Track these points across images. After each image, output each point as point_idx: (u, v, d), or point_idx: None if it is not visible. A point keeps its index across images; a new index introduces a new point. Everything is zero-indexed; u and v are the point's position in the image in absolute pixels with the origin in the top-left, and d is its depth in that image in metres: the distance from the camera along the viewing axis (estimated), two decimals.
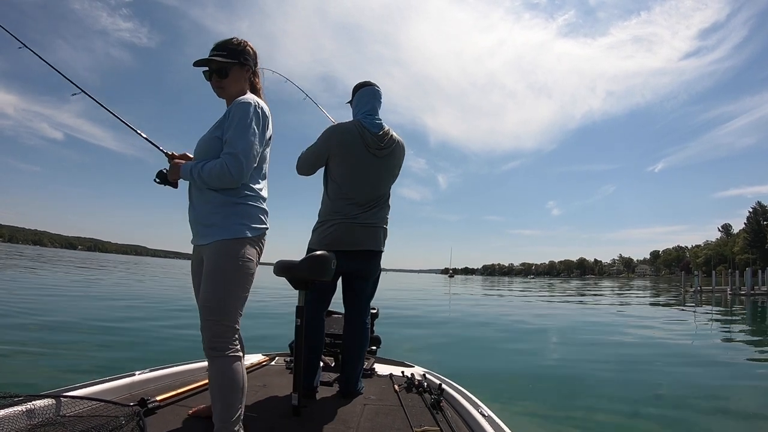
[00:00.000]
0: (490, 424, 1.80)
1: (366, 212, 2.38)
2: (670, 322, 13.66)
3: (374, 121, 2.42)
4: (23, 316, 7.65)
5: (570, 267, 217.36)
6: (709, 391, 5.08)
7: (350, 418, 1.98)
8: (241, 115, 1.65)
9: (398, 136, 2.48)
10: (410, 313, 13.27)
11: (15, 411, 1.57)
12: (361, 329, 2.45)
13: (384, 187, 2.46)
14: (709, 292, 33.56)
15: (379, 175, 2.41)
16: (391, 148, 2.43)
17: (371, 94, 2.47)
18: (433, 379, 2.59)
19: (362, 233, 2.36)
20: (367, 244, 2.38)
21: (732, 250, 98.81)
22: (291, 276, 2.05)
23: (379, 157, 2.39)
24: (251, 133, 1.65)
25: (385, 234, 2.48)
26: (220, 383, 1.59)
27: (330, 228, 2.35)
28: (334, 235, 2.33)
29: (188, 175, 1.68)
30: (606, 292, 35.92)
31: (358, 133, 2.35)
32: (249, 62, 1.80)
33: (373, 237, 2.40)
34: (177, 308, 10.53)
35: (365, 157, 2.35)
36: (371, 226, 2.39)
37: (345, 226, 2.34)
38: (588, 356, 7.22)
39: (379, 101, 2.49)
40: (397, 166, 2.51)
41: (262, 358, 3.02)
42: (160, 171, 1.82)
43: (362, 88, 2.50)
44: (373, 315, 3.24)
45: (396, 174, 2.53)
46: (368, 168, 2.37)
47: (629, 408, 4.41)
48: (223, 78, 1.75)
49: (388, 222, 2.51)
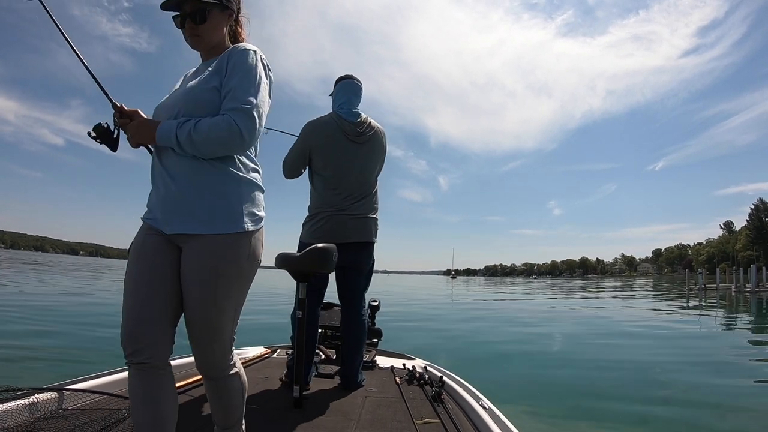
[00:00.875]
0: (490, 416, 1.80)
1: (355, 203, 2.38)
2: (675, 320, 13.51)
3: (350, 110, 2.44)
4: (26, 320, 7.68)
5: (572, 266, 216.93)
6: (718, 393, 4.96)
7: (351, 410, 1.99)
8: (247, 62, 1.28)
9: (377, 124, 2.50)
10: (411, 313, 13.27)
11: (18, 404, 1.58)
12: (357, 322, 2.45)
13: (369, 175, 2.46)
14: (714, 290, 33.26)
15: (362, 162, 2.42)
16: (371, 134, 2.44)
17: (347, 86, 2.48)
18: (434, 371, 2.60)
19: (353, 225, 2.36)
20: (359, 236, 2.38)
21: (734, 247, 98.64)
22: (293, 269, 2.06)
23: (359, 144, 2.40)
24: (262, 85, 1.29)
25: (375, 224, 2.48)
26: (230, 396, 1.36)
27: (320, 221, 2.35)
28: (325, 228, 2.34)
29: (170, 138, 1.21)
30: (609, 291, 35.79)
31: (335, 123, 2.38)
32: (231, 5, 1.41)
33: (364, 228, 2.41)
34: None
35: (346, 146, 2.37)
36: (361, 217, 2.39)
37: (335, 218, 2.34)
38: (591, 355, 7.19)
39: (356, 94, 2.49)
40: (380, 152, 2.51)
41: (264, 350, 3.03)
42: (99, 124, 1.34)
43: (339, 82, 2.50)
44: (374, 308, 3.25)
45: (379, 160, 2.52)
46: (351, 156, 2.38)
47: (631, 406, 4.39)
48: (199, 23, 1.34)
49: (378, 212, 2.51)
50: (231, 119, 1.20)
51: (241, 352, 2.91)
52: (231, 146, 1.23)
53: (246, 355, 2.87)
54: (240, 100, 1.22)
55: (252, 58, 1.29)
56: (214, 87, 1.27)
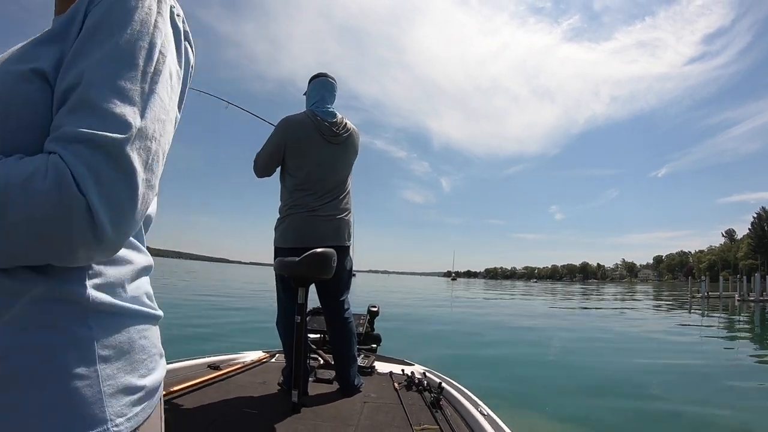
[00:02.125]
0: (489, 423, 1.79)
1: (327, 203, 2.32)
2: (677, 331, 13.20)
3: (326, 109, 2.39)
4: None
5: (573, 271, 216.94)
6: (720, 403, 4.94)
7: (350, 416, 1.98)
8: (127, 18, 0.48)
9: (352, 125, 2.46)
10: (412, 315, 13.27)
11: None
12: (342, 326, 2.41)
13: (343, 176, 2.41)
14: (717, 298, 32.86)
15: (335, 162, 2.37)
16: (346, 135, 2.40)
17: (321, 84, 2.43)
18: (433, 377, 2.59)
19: (325, 227, 2.30)
20: (332, 240, 2.30)
21: (736, 255, 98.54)
22: (292, 274, 2.04)
23: (334, 144, 2.35)
24: (160, 78, 0.48)
25: (348, 226, 2.41)
26: None
27: (292, 223, 2.29)
28: (297, 231, 2.27)
29: None
30: (609, 297, 35.74)
31: (311, 122, 2.31)
32: None
33: (337, 231, 2.34)
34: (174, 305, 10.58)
35: (321, 145, 2.31)
36: (333, 218, 2.33)
37: (307, 219, 2.28)
38: (591, 363, 7.19)
39: (331, 92, 2.44)
40: (353, 153, 2.47)
41: (263, 354, 3.02)
42: None
43: (314, 80, 2.46)
44: (373, 313, 3.25)
45: (352, 161, 2.48)
46: (324, 156, 2.33)
47: (632, 414, 4.39)
48: None
49: (350, 213, 2.45)
50: (64, 170, 0.40)
51: (240, 357, 2.91)
52: (66, 243, 0.40)
53: (244, 360, 2.86)
54: (97, 117, 0.42)
55: (141, 9, 0.49)
56: (37, 70, 0.47)
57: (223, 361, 2.72)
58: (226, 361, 2.76)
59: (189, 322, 8.69)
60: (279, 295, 2.36)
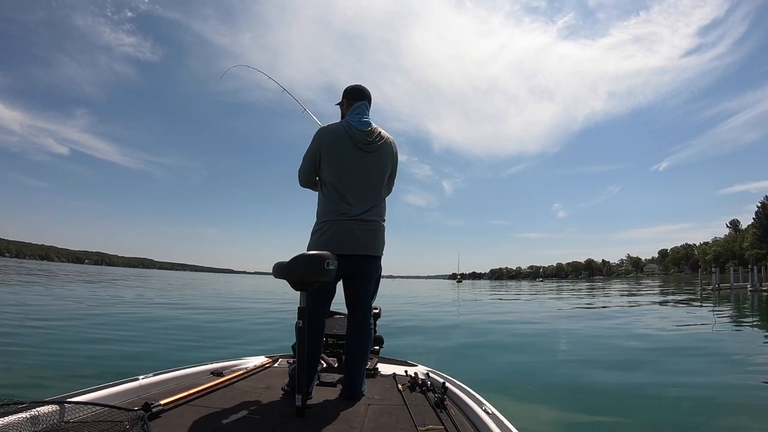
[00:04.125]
0: (494, 422, 1.78)
1: (363, 212, 2.39)
2: (692, 324, 12.57)
3: (361, 119, 2.48)
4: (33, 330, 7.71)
5: (578, 268, 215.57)
6: (738, 403, 4.75)
7: (354, 418, 1.97)
8: None
9: (387, 134, 2.53)
10: (416, 318, 13.22)
11: (19, 418, 1.57)
12: (364, 330, 2.44)
13: (377, 183, 2.47)
14: (728, 289, 32.27)
15: (370, 170, 2.43)
16: (380, 143, 2.47)
17: (364, 106, 2.54)
18: (437, 378, 2.58)
19: (361, 234, 2.36)
20: (367, 249, 2.39)
21: (741, 245, 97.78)
22: (288, 277, 2.05)
23: (368, 152, 2.42)
24: None
25: (383, 233, 2.49)
26: None
27: (329, 230, 2.35)
28: (333, 237, 2.33)
29: None
30: (617, 292, 35.44)
31: (345, 131, 2.41)
32: None
33: (374, 239, 2.42)
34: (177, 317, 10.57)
35: (354, 153, 2.39)
36: (369, 226, 2.40)
37: (343, 226, 2.34)
38: (601, 359, 7.09)
39: (367, 104, 2.56)
40: (388, 162, 2.53)
41: (266, 360, 3.03)
42: None
43: (356, 102, 2.54)
44: (375, 315, 3.25)
45: (387, 170, 2.53)
46: (359, 164, 2.40)
47: (640, 415, 4.35)
48: None
49: (385, 221, 2.52)
50: None
51: (243, 362, 2.91)
52: None
53: (248, 365, 2.86)
54: None
55: None
56: None
57: (226, 368, 2.73)
58: (229, 367, 2.76)
59: (193, 327, 8.71)
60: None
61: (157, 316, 11.51)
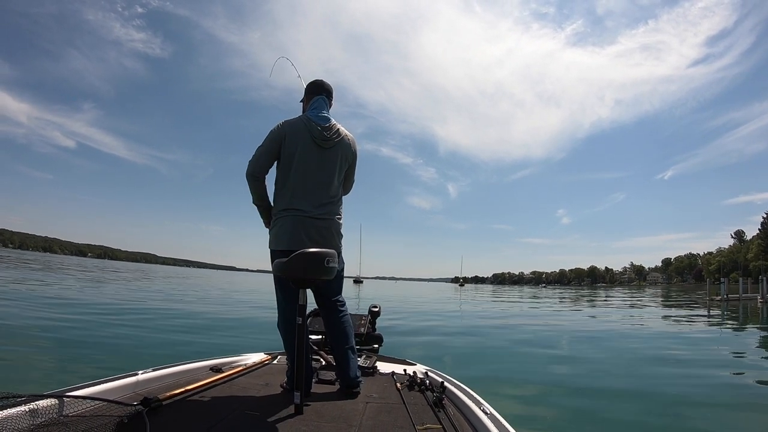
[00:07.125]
0: (492, 422, 1.78)
1: (317, 207, 2.36)
2: (699, 337, 11.95)
3: (319, 114, 2.46)
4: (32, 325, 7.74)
5: (581, 275, 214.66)
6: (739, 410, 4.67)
7: (352, 416, 1.97)
8: None
9: (346, 131, 2.51)
10: (418, 320, 13.19)
11: (18, 411, 1.57)
12: (338, 324, 2.46)
13: (332, 180, 2.44)
14: (736, 300, 31.38)
15: (325, 166, 2.41)
16: (337, 140, 2.45)
17: (323, 101, 2.52)
18: (435, 377, 2.58)
19: (315, 231, 2.33)
20: (322, 242, 2.34)
21: (746, 256, 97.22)
22: (288, 275, 2.05)
23: (325, 149, 2.41)
24: None
25: (338, 230, 2.45)
26: None
27: (283, 225, 2.33)
28: (289, 233, 2.30)
29: None
30: (619, 301, 35.20)
31: (304, 126, 2.39)
32: None
33: (327, 235, 2.38)
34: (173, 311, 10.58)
35: (312, 149, 2.38)
36: (324, 222, 2.37)
37: (298, 221, 2.31)
38: (602, 367, 7.01)
39: (326, 99, 2.54)
40: (345, 159, 2.50)
41: (264, 357, 3.03)
42: None
43: (315, 96, 2.52)
44: (374, 313, 3.25)
45: (343, 167, 2.51)
46: (315, 160, 2.38)
47: (640, 415, 4.32)
48: None
49: (341, 218, 2.49)
50: None
51: (242, 359, 2.91)
52: None
53: (247, 362, 2.87)
54: None
55: None
56: None
57: (225, 364, 2.73)
58: (228, 363, 2.76)
59: (194, 324, 8.73)
60: (278, 296, 2.39)
61: (157, 311, 11.54)
